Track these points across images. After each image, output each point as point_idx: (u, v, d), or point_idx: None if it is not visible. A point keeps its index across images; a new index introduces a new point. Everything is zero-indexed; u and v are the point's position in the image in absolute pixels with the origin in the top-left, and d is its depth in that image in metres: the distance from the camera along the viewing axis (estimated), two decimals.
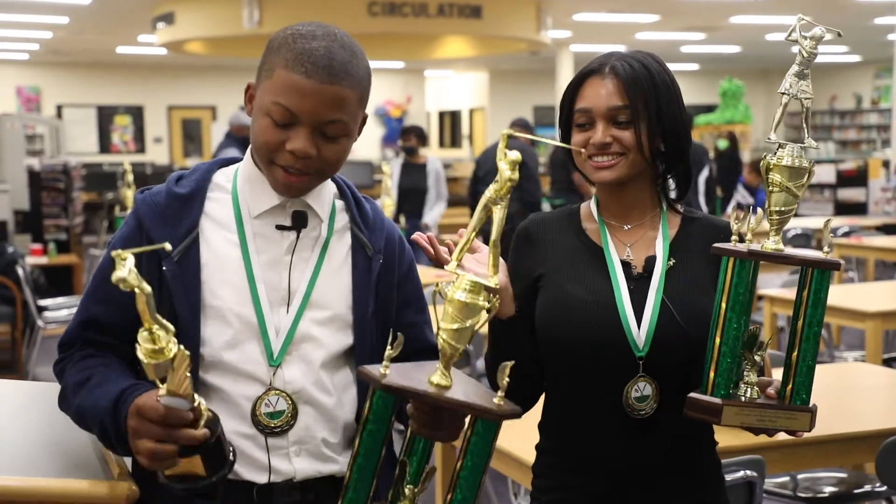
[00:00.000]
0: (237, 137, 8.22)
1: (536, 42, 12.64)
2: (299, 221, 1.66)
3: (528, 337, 1.77)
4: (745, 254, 1.59)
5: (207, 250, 1.64)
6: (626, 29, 15.41)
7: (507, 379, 1.41)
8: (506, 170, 1.41)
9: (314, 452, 1.65)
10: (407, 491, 1.50)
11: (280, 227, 1.66)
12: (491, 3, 11.71)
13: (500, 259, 1.70)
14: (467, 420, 1.46)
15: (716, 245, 1.63)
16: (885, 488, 3.10)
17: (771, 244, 1.62)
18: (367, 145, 20.19)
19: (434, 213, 7.75)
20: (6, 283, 6.80)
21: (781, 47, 18.36)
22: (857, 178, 12.75)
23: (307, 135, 1.56)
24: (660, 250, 1.77)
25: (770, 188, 1.62)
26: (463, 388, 1.44)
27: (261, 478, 1.62)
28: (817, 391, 1.66)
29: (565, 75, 16.09)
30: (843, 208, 12.22)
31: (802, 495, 3.12)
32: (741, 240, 1.63)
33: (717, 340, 1.61)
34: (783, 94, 1.62)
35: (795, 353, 1.62)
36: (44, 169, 9.57)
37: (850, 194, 12.51)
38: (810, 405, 1.63)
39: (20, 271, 6.76)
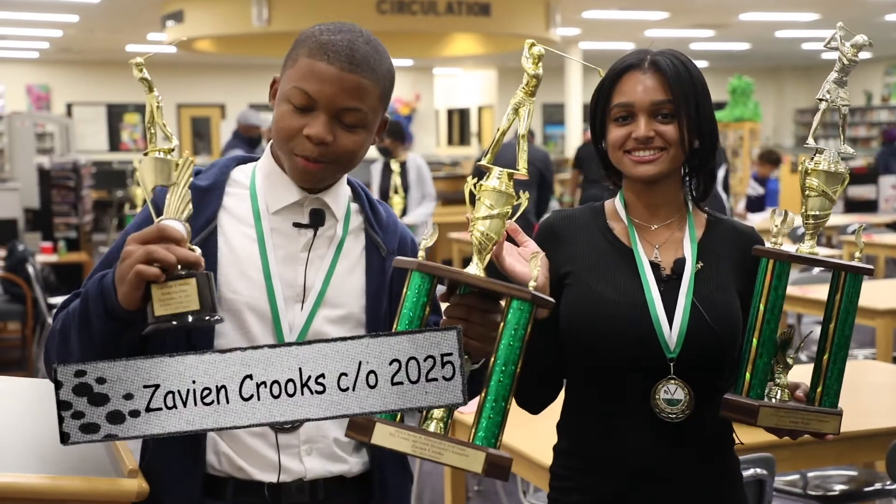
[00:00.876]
0: (244, 137, 8.20)
1: (545, 40, 12.59)
2: (316, 219, 1.67)
3: (555, 340, 1.75)
4: (786, 256, 1.62)
5: (225, 243, 1.64)
6: (635, 26, 15.37)
7: (538, 269, 1.46)
8: (529, 67, 1.46)
9: (325, 452, 1.65)
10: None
11: (297, 225, 1.67)
12: (499, 0, 11.70)
13: (544, 256, 1.68)
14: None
15: (758, 247, 1.66)
16: (895, 486, 3.10)
17: (806, 247, 1.66)
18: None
19: (419, 212, 7.25)
20: (16, 281, 6.83)
21: (791, 45, 18.31)
22: (868, 175, 12.68)
23: (325, 121, 1.57)
24: (688, 252, 1.76)
25: (807, 192, 1.65)
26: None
27: (270, 477, 1.62)
28: None
29: (574, 73, 16.05)
30: (852, 205, 12.15)
31: (813, 493, 3.11)
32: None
33: (755, 342, 1.63)
34: (821, 100, 1.65)
35: (826, 357, 1.65)
36: (54, 167, 9.62)
37: (859, 191, 12.43)
38: (838, 408, 1.64)
39: (30, 269, 6.79)
